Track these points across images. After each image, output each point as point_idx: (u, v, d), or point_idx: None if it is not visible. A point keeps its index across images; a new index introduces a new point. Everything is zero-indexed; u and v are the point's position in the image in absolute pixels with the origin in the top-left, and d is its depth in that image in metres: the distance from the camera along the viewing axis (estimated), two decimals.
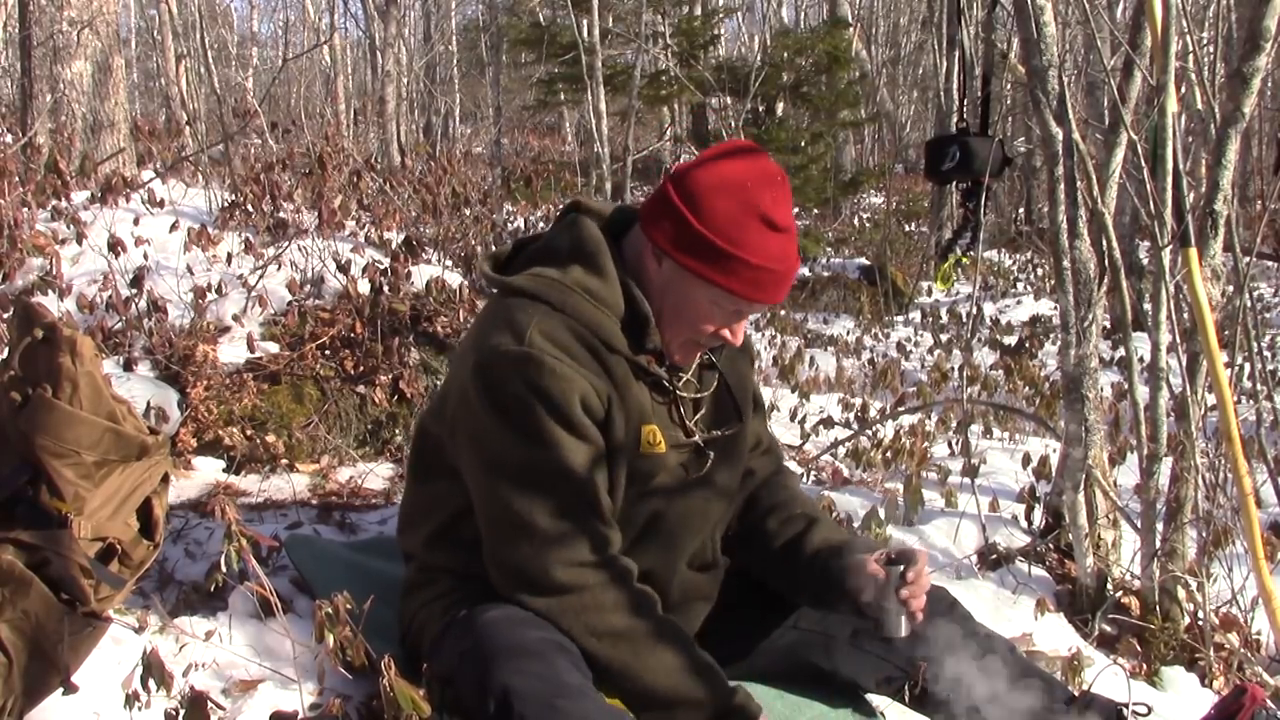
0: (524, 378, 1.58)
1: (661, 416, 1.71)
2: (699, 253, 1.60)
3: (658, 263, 1.66)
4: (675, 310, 1.66)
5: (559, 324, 1.61)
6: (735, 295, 1.62)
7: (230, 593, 2.01)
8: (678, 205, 1.62)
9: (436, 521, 1.77)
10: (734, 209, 1.60)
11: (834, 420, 4.09)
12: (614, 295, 1.66)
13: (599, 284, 1.66)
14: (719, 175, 1.63)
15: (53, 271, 3.29)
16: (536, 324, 1.60)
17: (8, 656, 1.54)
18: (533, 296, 1.64)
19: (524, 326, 1.60)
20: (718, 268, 1.60)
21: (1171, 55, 2.30)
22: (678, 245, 1.62)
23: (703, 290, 1.63)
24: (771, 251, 1.61)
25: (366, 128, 9.42)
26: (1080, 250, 2.42)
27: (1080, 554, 2.56)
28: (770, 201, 1.61)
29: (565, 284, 1.65)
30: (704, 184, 1.62)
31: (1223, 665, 2.43)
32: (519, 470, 1.59)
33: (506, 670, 1.49)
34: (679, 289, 1.65)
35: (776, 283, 1.63)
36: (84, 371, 1.68)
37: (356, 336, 3.25)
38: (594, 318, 1.63)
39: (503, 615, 1.61)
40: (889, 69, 15.26)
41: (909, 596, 1.68)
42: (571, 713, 1.46)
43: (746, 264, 1.59)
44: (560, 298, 1.63)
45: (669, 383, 1.71)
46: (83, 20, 4.49)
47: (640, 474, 1.69)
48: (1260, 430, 3.19)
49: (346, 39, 15.18)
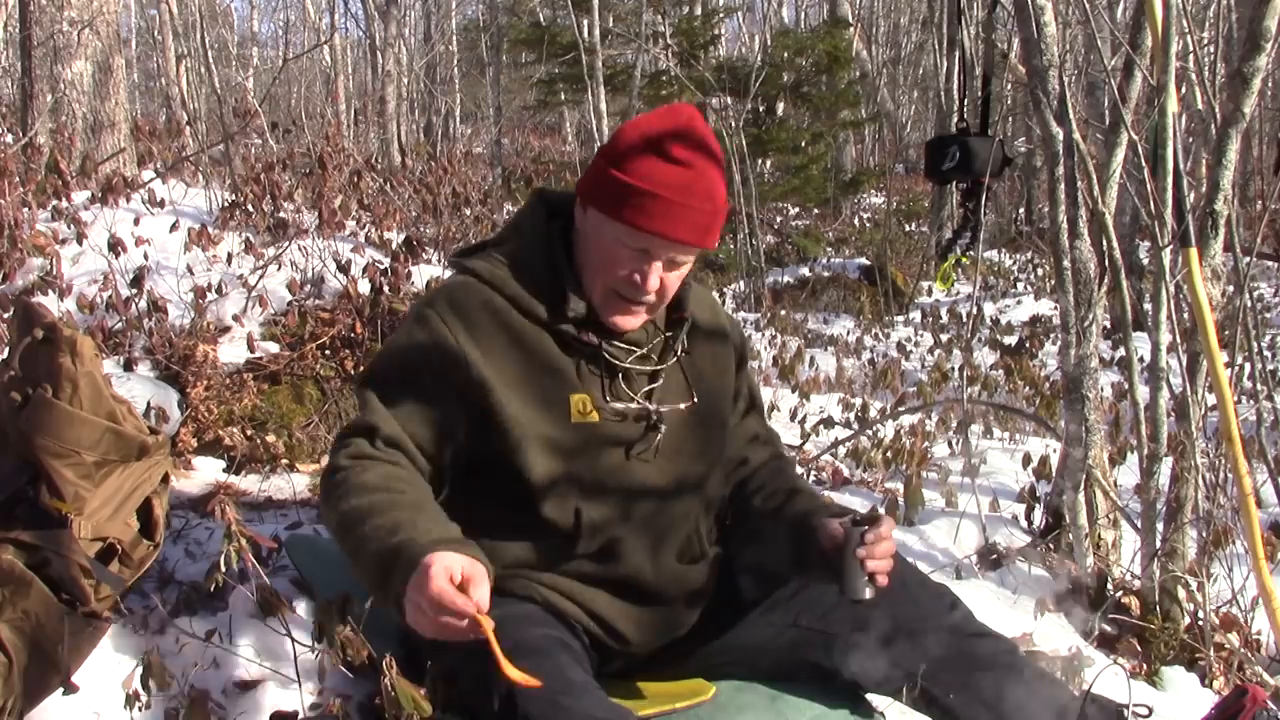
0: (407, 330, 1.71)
1: (595, 387, 1.72)
2: (599, 189, 1.66)
3: (584, 213, 1.71)
4: (592, 261, 1.70)
5: (471, 292, 1.70)
6: (628, 226, 1.63)
7: (230, 593, 2.01)
8: (597, 157, 1.71)
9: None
10: (633, 144, 1.65)
11: (834, 420, 4.09)
12: (538, 265, 1.72)
13: (525, 256, 1.73)
14: (633, 121, 1.71)
15: (53, 271, 3.29)
16: (447, 287, 1.72)
17: (8, 656, 1.54)
18: (467, 270, 1.74)
19: (439, 293, 1.72)
20: (612, 200, 1.64)
21: (1172, 55, 2.30)
22: (587, 189, 1.69)
23: (606, 229, 1.66)
24: (661, 178, 1.62)
25: (367, 128, 9.42)
26: (1080, 250, 2.42)
27: (1080, 554, 2.56)
28: (669, 134, 1.65)
29: (496, 258, 1.73)
30: (624, 131, 1.70)
31: (1223, 665, 2.43)
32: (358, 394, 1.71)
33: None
34: (596, 234, 1.69)
35: (667, 211, 1.62)
36: (84, 371, 1.68)
37: (356, 336, 3.25)
38: (513, 290, 1.70)
39: (506, 613, 1.61)
40: (889, 69, 15.26)
41: (865, 557, 1.65)
42: (575, 709, 1.46)
43: (635, 189, 1.62)
44: (487, 270, 1.72)
45: (607, 353, 1.72)
46: (83, 20, 4.49)
47: (583, 445, 1.70)
48: (1260, 430, 3.19)
49: (347, 39, 15.19)
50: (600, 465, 1.70)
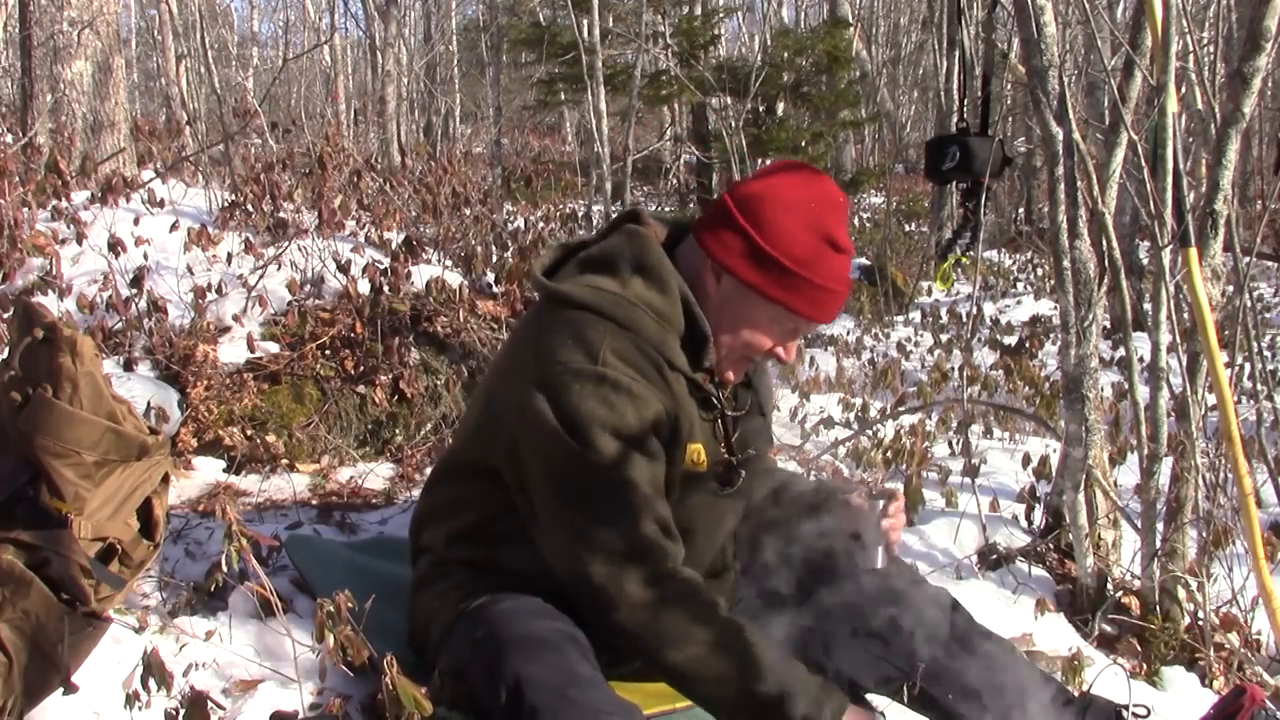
0: (599, 397, 1.56)
1: (705, 434, 1.72)
2: (764, 270, 1.62)
3: (716, 279, 1.66)
4: (732, 327, 1.67)
5: (628, 342, 1.60)
6: (797, 314, 1.64)
7: (230, 593, 2.01)
8: (742, 222, 1.63)
9: (465, 520, 1.77)
10: (800, 228, 1.61)
11: (834, 420, 4.09)
12: (676, 312, 1.66)
13: (662, 300, 1.65)
14: (784, 194, 1.64)
15: (53, 271, 3.29)
16: (607, 342, 1.59)
17: (8, 656, 1.54)
18: (597, 312, 1.62)
19: (596, 345, 1.58)
20: (782, 286, 1.62)
21: (1172, 55, 2.30)
22: (742, 261, 1.62)
23: (764, 308, 1.65)
24: (835, 273, 1.64)
25: (366, 128, 9.42)
26: (1080, 250, 2.42)
27: (1080, 554, 2.56)
28: (835, 223, 1.64)
29: (629, 299, 1.63)
30: (769, 201, 1.63)
31: (1223, 665, 2.43)
32: (593, 490, 1.58)
33: (519, 659, 1.50)
34: (738, 306, 1.66)
35: (835, 303, 1.66)
36: (84, 371, 1.68)
37: (356, 336, 3.25)
38: (658, 335, 1.63)
39: (516, 606, 1.62)
40: (889, 69, 15.25)
41: (890, 528, 1.75)
42: (583, 703, 1.46)
43: (810, 284, 1.62)
44: (626, 314, 1.62)
45: (718, 400, 1.72)
46: (83, 20, 4.49)
47: (685, 492, 1.70)
48: (1260, 430, 3.19)
49: (346, 39, 15.19)
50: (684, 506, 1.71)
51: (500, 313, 3.57)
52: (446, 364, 3.36)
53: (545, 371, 1.60)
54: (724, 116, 8.57)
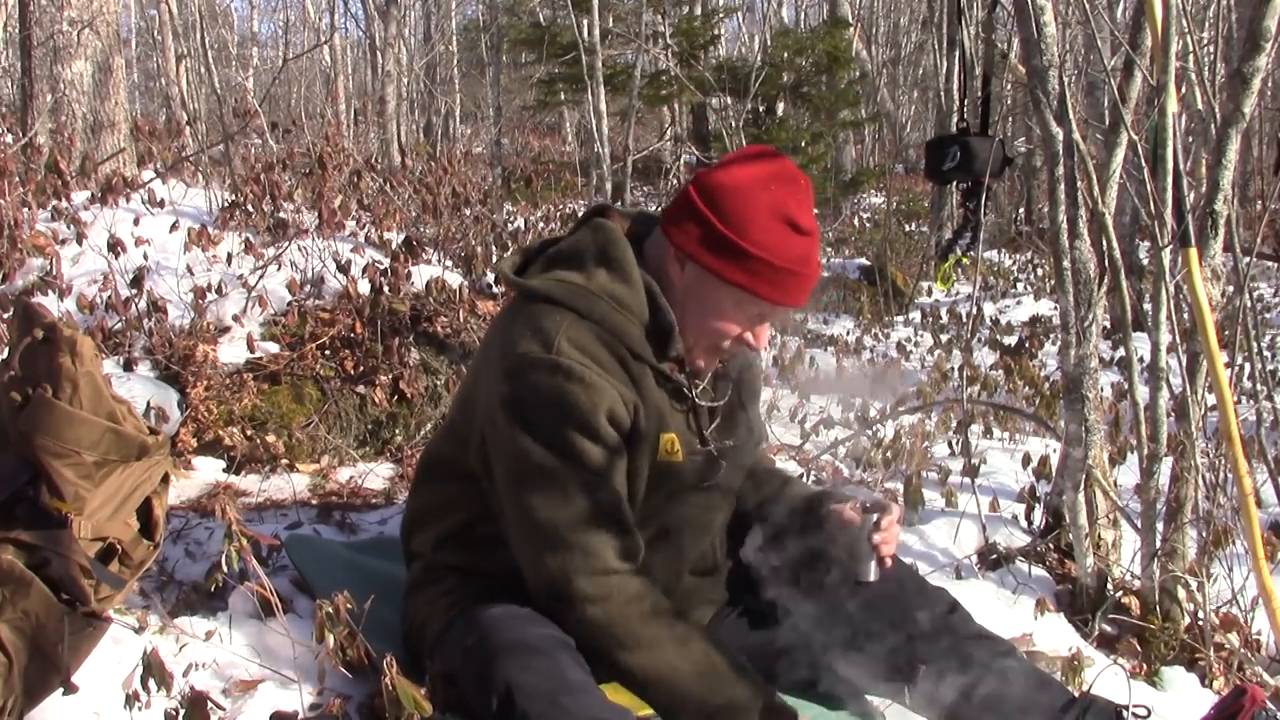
0: (552, 386, 1.57)
1: (679, 424, 1.71)
2: (723, 254, 1.61)
3: (680, 267, 1.66)
4: (698, 315, 1.66)
5: (586, 331, 1.60)
6: (759, 297, 1.63)
7: (230, 593, 2.01)
8: (701, 208, 1.62)
9: (450, 523, 1.77)
10: (758, 211, 1.60)
11: (834, 420, 4.09)
12: (638, 301, 1.65)
13: (624, 290, 1.65)
14: (743, 178, 1.63)
15: (53, 271, 3.29)
16: (564, 331, 1.59)
17: (8, 656, 1.54)
18: (558, 302, 1.63)
19: (552, 334, 1.59)
20: (741, 268, 1.60)
21: (1172, 55, 2.30)
22: (702, 247, 1.62)
23: (726, 293, 1.63)
24: (794, 253, 1.62)
25: (366, 128, 9.42)
26: (1080, 250, 2.42)
27: (1080, 554, 2.56)
28: (795, 204, 1.62)
29: (591, 290, 1.64)
30: (728, 186, 1.62)
31: (1223, 665, 2.43)
32: (546, 481, 1.59)
33: (510, 666, 1.50)
34: (702, 292, 1.65)
35: (799, 285, 1.64)
36: (84, 371, 1.68)
37: (356, 336, 3.25)
38: (620, 325, 1.63)
39: (506, 612, 1.62)
40: (889, 69, 15.26)
41: (881, 542, 1.74)
42: (574, 709, 1.46)
43: (770, 265, 1.60)
44: (587, 304, 1.62)
45: (688, 390, 1.71)
46: (83, 20, 4.49)
47: (656, 482, 1.69)
48: (1260, 430, 3.18)
49: (346, 39, 15.19)
50: (660, 498, 1.71)
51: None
52: (446, 364, 3.36)
53: (505, 363, 1.62)
54: (724, 116, 8.58)
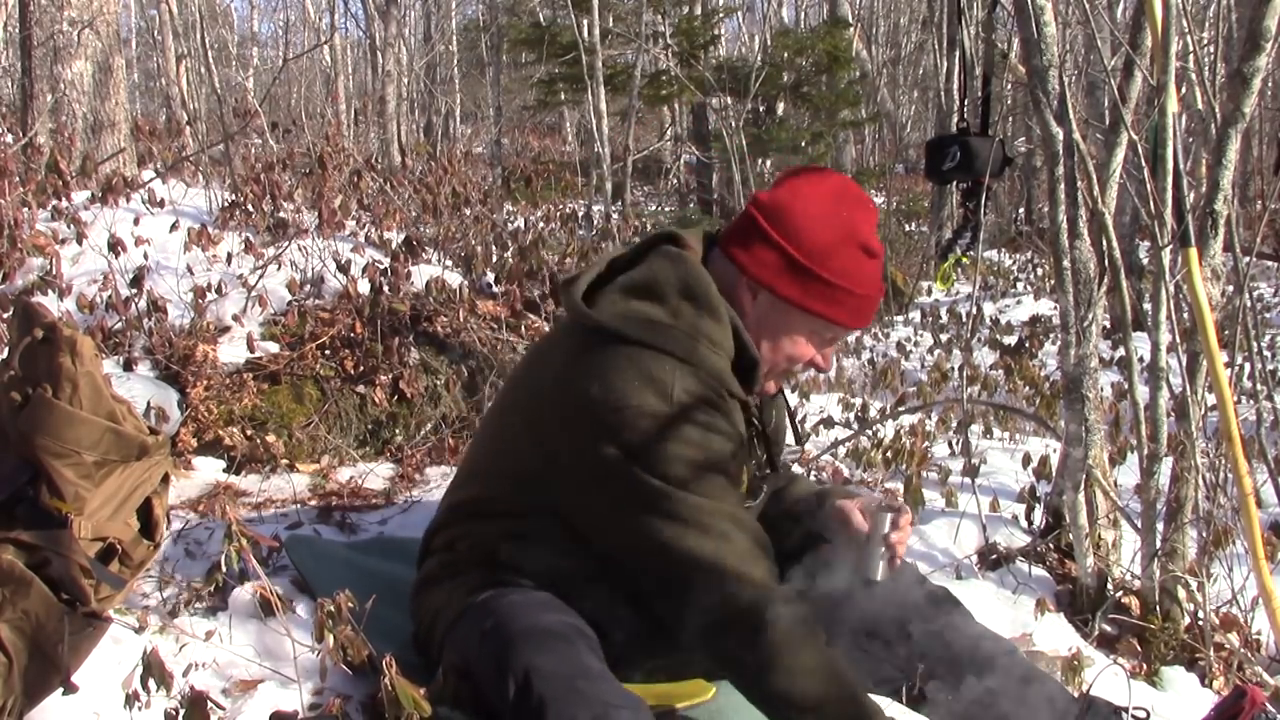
0: (683, 440, 1.54)
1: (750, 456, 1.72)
2: (803, 283, 1.60)
3: (752, 295, 1.64)
4: (773, 341, 1.67)
5: (694, 379, 1.57)
6: (839, 325, 1.64)
7: (230, 593, 2.02)
8: (774, 236, 1.61)
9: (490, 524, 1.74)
10: (834, 238, 1.60)
11: (834, 420, 4.09)
12: (728, 338, 1.63)
13: (714, 327, 1.62)
14: (813, 201, 1.62)
15: (53, 271, 3.29)
16: (678, 381, 1.55)
17: (8, 656, 1.54)
18: (658, 348, 1.57)
19: (667, 384, 1.54)
20: (823, 298, 1.61)
21: (1172, 55, 2.30)
22: (781, 278, 1.61)
23: (804, 321, 1.64)
24: (872, 279, 1.64)
25: (366, 128, 9.42)
26: (1080, 250, 2.42)
27: (1080, 554, 2.56)
28: (867, 228, 1.64)
29: (682, 330, 1.59)
30: (798, 212, 1.61)
31: (1223, 665, 2.43)
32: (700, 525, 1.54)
33: (528, 650, 1.50)
34: (777, 320, 1.65)
35: (872, 309, 1.67)
36: (84, 371, 1.68)
37: (356, 336, 3.25)
38: (718, 367, 1.61)
39: (524, 598, 1.62)
40: (889, 69, 15.25)
41: (897, 542, 1.74)
42: (592, 695, 1.46)
43: (850, 293, 1.62)
44: (686, 349, 1.58)
45: (760, 423, 1.73)
46: (83, 20, 4.49)
47: None
48: (1260, 430, 3.19)
49: (347, 39, 15.19)
50: None
51: (500, 312, 3.56)
52: (446, 364, 3.36)
53: (616, 417, 1.54)
54: (724, 116, 8.57)
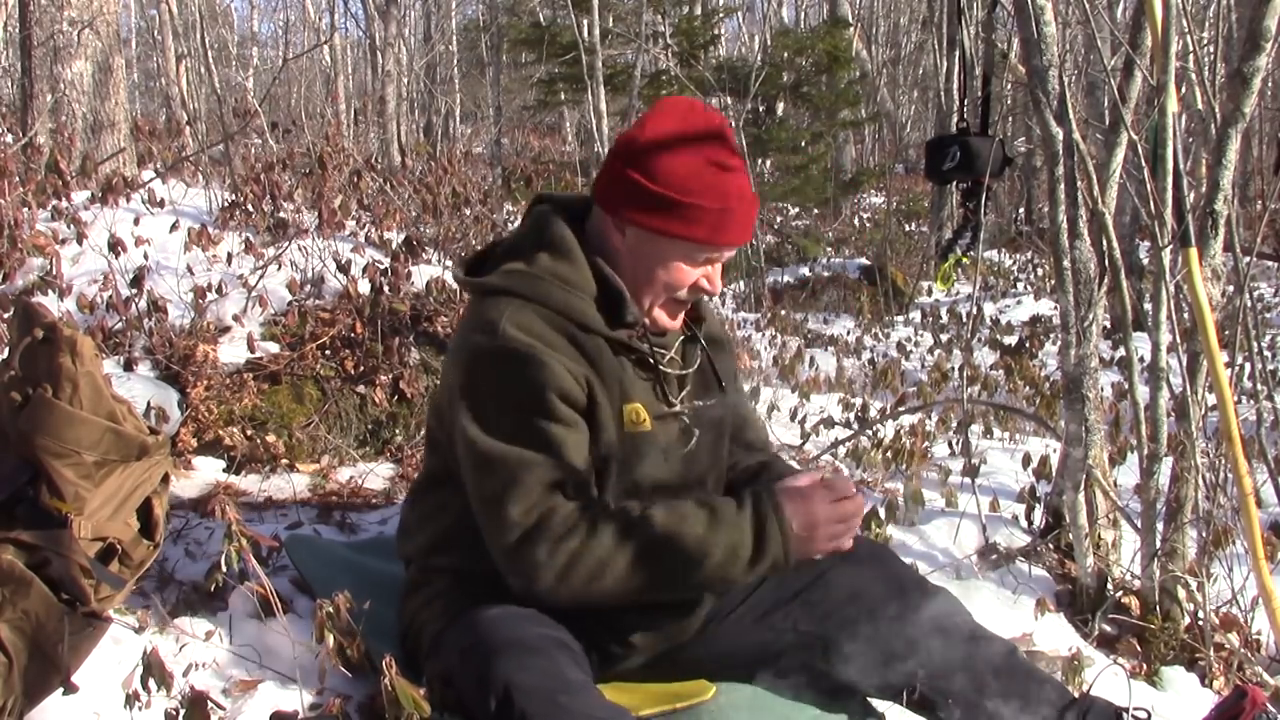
0: (498, 372, 1.62)
1: (645, 393, 1.72)
2: (659, 211, 1.64)
3: (621, 233, 1.69)
4: (648, 274, 1.69)
5: (530, 313, 1.64)
6: (703, 243, 1.65)
7: (230, 593, 2.01)
8: (626, 171, 1.66)
9: (441, 525, 1.78)
10: (680, 158, 1.63)
11: (834, 420, 4.09)
12: (583, 275, 1.69)
13: (567, 268, 1.68)
14: (659, 133, 1.67)
15: (53, 271, 3.28)
16: (508, 316, 1.63)
17: (8, 656, 1.54)
18: (504, 292, 1.67)
19: (496, 321, 1.63)
20: (679, 219, 1.63)
21: (1172, 55, 2.30)
22: (637, 209, 1.65)
23: (670, 246, 1.66)
24: (727, 190, 1.64)
25: (366, 128, 9.42)
26: (1080, 250, 2.42)
27: (1080, 554, 2.56)
28: (716, 144, 1.65)
29: (534, 273, 1.68)
30: (647, 144, 1.66)
31: (1223, 665, 2.43)
32: (500, 461, 1.60)
33: (508, 666, 1.50)
34: (648, 251, 1.67)
35: (739, 222, 1.66)
36: (84, 371, 1.68)
37: (356, 336, 3.25)
38: (566, 301, 1.66)
39: (504, 613, 1.62)
40: (889, 69, 15.26)
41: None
42: (573, 708, 1.46)
43: (704, 209, 1.63)
44: (530, 287, 1.66)
45: (653, 357, 1.72)
46: (83, 20, 4.49)
47: (629, 454, 1.69)
48: (1260, 430, 3.19)
49: (346, 39, 15.20)
50: (639, 471, 1.71)
51: None
52: None
53: (458, 358, 1.68)
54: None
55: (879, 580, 1.81)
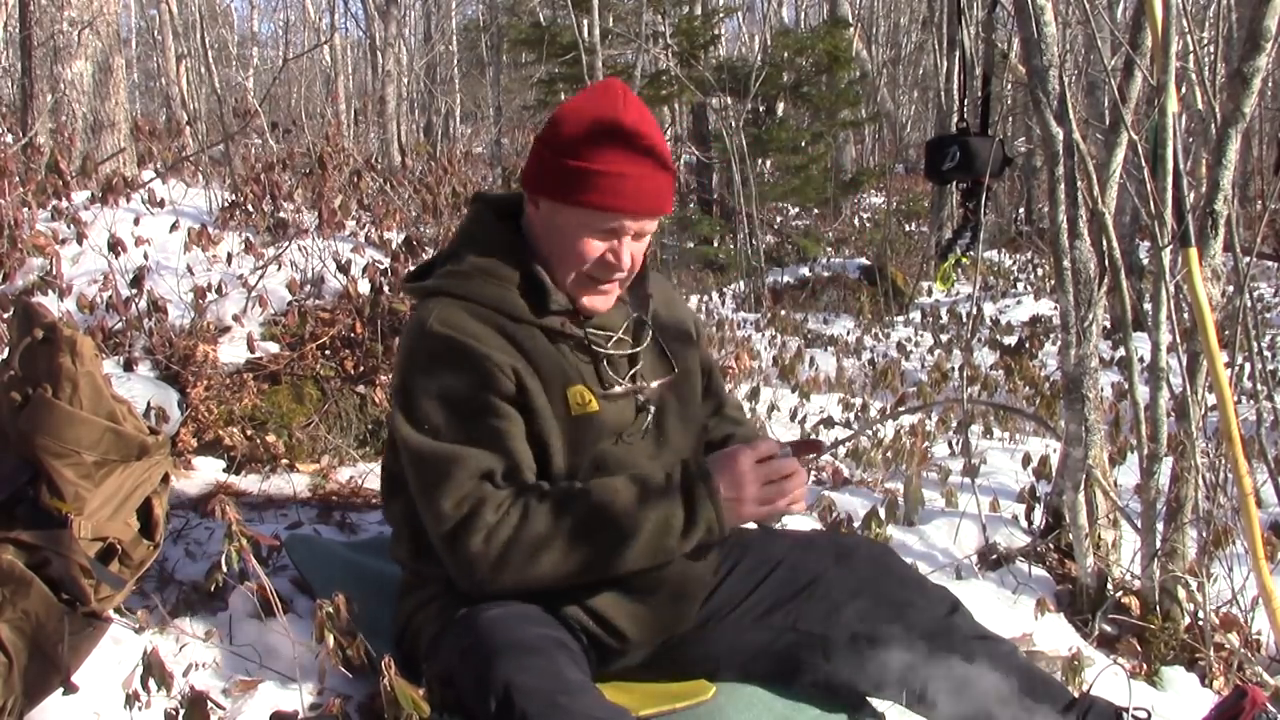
0: (424, 367, 1.64)
1: (589, 375, 1.72)
2: (555, 180, 1.65)
3: (535, 209, 1.71)
4: (559, 250, 1.69)
5: (457, 309, 1.66)
6: (598, 208, 1.63)
7: (230, 593, 2.01)
8: (537, 146, 1.69)
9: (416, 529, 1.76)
10: (581, 125, 1.64)
11: (834, 420, 4.09)
12: (505, 267, 1.70)
13: (490, 261, 1.70)
14: (569, 106, 1.69)
15: (53, 271, 3.28)
16: (435, 315, 1.65)
17: (8, 656, 1.54)
18: (436, 293, 1.70)
19: (424, 320, 1.66)
20: (576, 186, 1.63)
21: (1172, 55, 2.30)
22: (541, 182, 1.67)
23: (572, 216, 1.65)
24: (617, 157, 1.63)
25: (367, 128, 9.43)
26: (1080, 250, 2.42)
27: (1080, 554, 2.56)
28: (616, 109, 1.65)
29: (463, 270, 1.70)
30: (557, 117, 1.68)
31: (1223, 665, 2.43)
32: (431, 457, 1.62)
33: (508, 666, 1.50)
34: (557, 224, 1.68)
35: (636, 189, 1.64)
36: (84, 371, 1.68)
37: (356, 336, 3.25)
38: (491, 294, 1.68)
39: (504, 613, 1.62)
40: (889, 69, 15.26)
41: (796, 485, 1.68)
42: (573, 709, 1.46)
43: (599, 173, 1.62)
44: (459, 285, 1.69)
45: (588, 340, 1.72)
46: (83, 20, 4.49)
47: (579, 436, 1.69)
48: (1260, 430, 3.19)
49: (347, 39, 15.20)
50: (596, 454, 1.71)
51: None
52: None
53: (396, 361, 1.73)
54: (724, 116, 8.58)
55: (879, 580, 1.81)
